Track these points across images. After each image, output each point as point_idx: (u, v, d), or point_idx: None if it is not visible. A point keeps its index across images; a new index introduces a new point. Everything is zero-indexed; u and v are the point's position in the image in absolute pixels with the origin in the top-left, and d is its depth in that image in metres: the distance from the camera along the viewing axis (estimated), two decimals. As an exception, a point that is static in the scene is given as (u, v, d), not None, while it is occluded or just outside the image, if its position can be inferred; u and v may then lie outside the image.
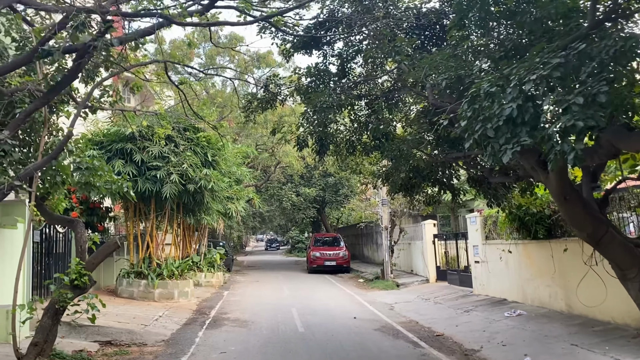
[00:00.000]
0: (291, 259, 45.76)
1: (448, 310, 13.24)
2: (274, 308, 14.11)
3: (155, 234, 15.36)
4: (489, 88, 4.95)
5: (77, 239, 9.11)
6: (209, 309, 14.02)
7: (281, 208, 31.78)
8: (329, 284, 21.29)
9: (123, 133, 13.87)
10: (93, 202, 15.06)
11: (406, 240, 21.83)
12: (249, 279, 24.37)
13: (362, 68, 10.03)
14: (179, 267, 15.28)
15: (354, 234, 35.68)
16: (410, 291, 17.79)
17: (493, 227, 13.85)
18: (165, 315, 12.29)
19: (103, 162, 8.76)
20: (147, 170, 13.84)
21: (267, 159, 25.82)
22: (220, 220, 21.01)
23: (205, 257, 21.14)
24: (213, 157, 14.91)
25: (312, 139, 10.00)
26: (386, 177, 10.56)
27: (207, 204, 15.26)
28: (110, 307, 12.45)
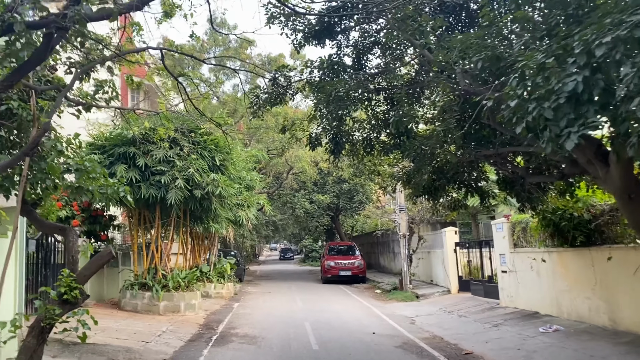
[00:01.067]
0: (304, 269, 44.80)
1: (475, 325, 12.19)
2: (286, 322, 13.17)
3: (160, 243, 14.54)
4: (544, 59, 4.00)
5: (68, 248, 8.30)
6: (216, 323, 13.12)
7: (294, 216, 30.88)
8: (345, 295, 20.29)
9: (125, 136, 13.11)
10: (95, 210, 14.31)
11: (425, 248, 20.78)
12: (260, 289, 23.46)
13: (380, 59, 9.13)
14: (185, 278, 14.42)
15: (370, 243, 34.62)
16: (431, 303, 16.72)
17: (522, 234, 12.79)
18: (169, 331, 11.42)
19: (96, 163, 7.91)
20: (151, 175, 13.04)
21: (279, 164, 24.95)
22: (230, 228, 20.16)
23: (215, 267, 20.29)
24: (221, 161, 14.08)
25: (326, 137, 9.11)
26: (407, 179, 9.61)
27: (216, 210, 14.39)
28: (111, 322, 11.63)
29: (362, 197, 28.84)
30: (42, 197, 8.48)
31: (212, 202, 13.85)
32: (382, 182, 10.91)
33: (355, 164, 9.98)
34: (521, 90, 4.12)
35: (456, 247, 18.16)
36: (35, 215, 8.38)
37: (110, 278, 15.47)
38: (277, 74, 8.52)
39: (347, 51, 9.17)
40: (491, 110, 6.37)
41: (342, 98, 7.19)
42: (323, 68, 8.89)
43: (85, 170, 7.69)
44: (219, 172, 13.85)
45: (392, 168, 11.11)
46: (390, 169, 11.34)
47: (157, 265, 14.25)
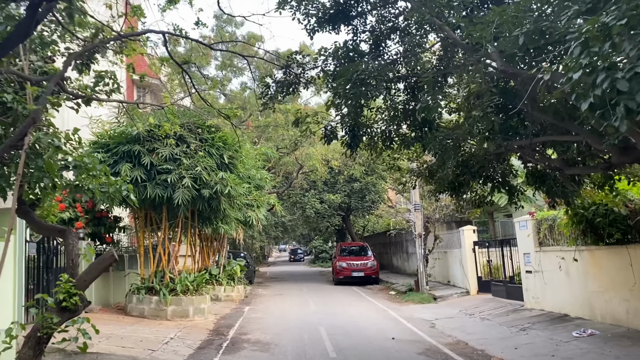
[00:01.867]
0: (315, 270, 44.17)
1: (500, 328, 11.49)
2: (299, 326, 12.55)
3: (168, 245, 13.97)
4: (614, 21, 3.34)
5: (67, 251, 7.75)
6: (227, 328, 12.52)
7: (304, 216, 30.25)
8: (358, 297, 19.63)
9: (130, 134, 12.55)
10: (100, 211, 13.79)
11: (441, 248, 20.07)
12: (271, 292, 22.85)
13: (399, 45, 8.47)
14: (194, 281, 13.83)
15: (382, 243, 33.91)
16: (450, 305, 16.02)
17: (549, 232, 12.08)
18: (178, 337, 10.83)
19: (96, 160, 7.31)
20: (157, 175, 12.47)
21: (289, 163, 24.31)
22: (240, 229, 19.58)
23: (225, 270, 19.70)
24: (230, 159, 13.47)
25: (342, 130, 8.47)
26: (430, 174, 8.95)
27: (225, 211, 13.78)
28: (116, 328, 11.07)
29: (374, 196, 28.14)
30: (40, 197, 7.92)
31: (221, 202, 13.26)
32: (400, 178, 10.21)
33: (373, 158, 9.28)
34: (586, 60, 3.46)
35: (475, 246, 17.45)
36: (33, 217, 7.83)
37: (117, 282, 14.92)
38: (289, 61, 7.88)
39: (364, 37, 8.52)
40: (530, 95, 5.72)
41: (364, 81, 6.54)
42: (338, 56, 8.24)
43: (84, 168, 7.12)
44: (228, 171, 13.26)
45: (411, 163, 10.42)
46: (410, 165, 10.64)
47: (165, 269, 13.67)
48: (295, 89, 8.14)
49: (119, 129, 12.84)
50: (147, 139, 12.55)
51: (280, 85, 7.99)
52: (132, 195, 7.68)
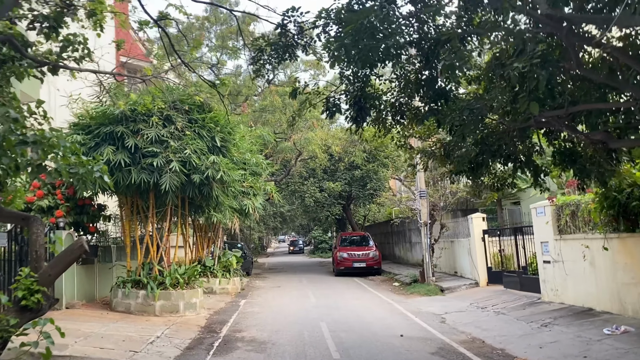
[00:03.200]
0: (314, 260, 43.30)
1: (518, 324, 10.51)
2: (299, 322, 11.56)
3: (156, 235, 12.93)
4: None
5: (31, 241, 6.73)
6: (220, 324, 11.52)
7: (303, 205, 29.20)
8: (361, 289, 18.65)
9: (112, 113, 11.47)
10: (82, 199, 12.72)
11: (448, 237, 19.07)
12: (269, 283, 21.88)
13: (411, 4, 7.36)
14: (185, 274, 12.81)
15: (383, 232, 32.96)
16: (459, 297, 15.05)
17: (571, 219, 11.06)
18: (165, 336, 9.82)
19: (61, 134, 6.24)
20: (143, 158, 11.40)
21: (287, 149, 23.18)
22: (236, 218, 18.54)
23: (220, 261, 18.70)
24: (222, 142, 12.38)
25: (347, 102, 7.40)
26: (446, 153, 7.90)
27: (217, 198, 12.72)
28: (98, 326, 10.06)
29: (376, 184, 27.08)
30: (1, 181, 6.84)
31: (213, 188, 12.21)
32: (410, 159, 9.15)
33: (380, 135, 8.20)
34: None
35: (484, 235, 16.45)
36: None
37: (103, 275, 13.90)
38: (285, 19, 6.77)
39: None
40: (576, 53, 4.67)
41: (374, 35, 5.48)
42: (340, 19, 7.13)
43: (46, 144, 6.03)
44: (220, 155, 12.19)
45: (423, 142, 9.35)
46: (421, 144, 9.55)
47: (153, 260, 12.65)
48: (292, 54, 7.04)
49: (100, 108, 11.75)
50: (131, 118, 11.48)
51: (275, 48, 6.89)
52: (105, 177, 6.61)
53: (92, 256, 13.47)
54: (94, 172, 6.62)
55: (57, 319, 10.52)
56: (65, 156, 6.21)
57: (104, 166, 6.81)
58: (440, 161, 8.35)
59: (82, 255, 6.74)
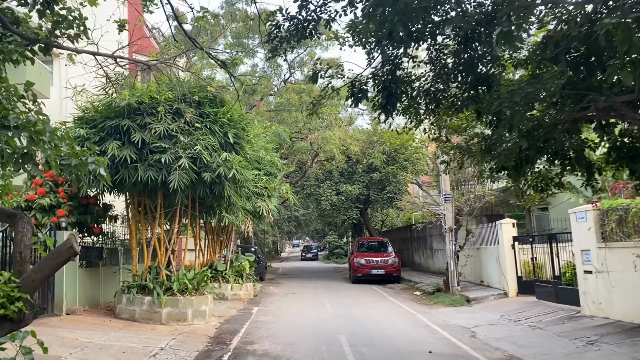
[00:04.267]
0: (330, 266, 42.31)
1: (560, 341, 9.46)
2: (315, 334, 10.63)
3: (164, 237, 12.13)
4: None
5: (16, 241, 5.88)
6: (230, 335, 10.64)
7: (319, 209, 28.25)
8: (380, 298, 17.65)
9: (117, 105, 10.71)
10: (86, 198, 11.98)
11: (473, 244, 17.99)
12: (283, 290, 20.98)
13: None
14: (194, 279, 11.97)
15: (402, 238, 31.86)
16: (488, 309, 13.98)
17: (618, 225, 9.98)
18: (170, 347, 8.97)
19: (47, 119, 5.42)
20: (150, 154, 10.61)
21: (303, 150, 22.24)
22: (249, 221, 17.68)
23: (232, 265, 17.86)
24: (235, 139, 11.53)
25: (375, 87, 6.49)
26: (487, 148, 6.94)
27: (230, 198, 11.87)
28: (98, 335, 9.24)
29: (395, 188, 26.04)
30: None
31: (225, 187, 11.35)
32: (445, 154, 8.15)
33: (412, 127, 7.26)
34: None
35: (515, 242, 15.37)
36: (-27, 197, 6.02)
37: (108, 279, 13.13)
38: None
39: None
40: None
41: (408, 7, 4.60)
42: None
43: (29, 128, 5.22)
44: (233, 152, 11.35)
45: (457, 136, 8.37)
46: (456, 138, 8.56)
47: (160, 264, 11.83)
48: (313, 31, 6.15)
49: (105, 100, 11.00)
50: (138, 111, 10.71)
51: (294, 24, 6.00)
52: (102, 170, 5.77)
53: (97, 259, 12.72)
54: (88, 164, 5.80)
55: (55, 326, 9.77)
56: (54, 144, 5.40)
57: (101, 158, 5.96)
58: (480, 157, 7.37)
59: (72, 258, 5.91)
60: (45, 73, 17.65)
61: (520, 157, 7.11)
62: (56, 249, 5.84)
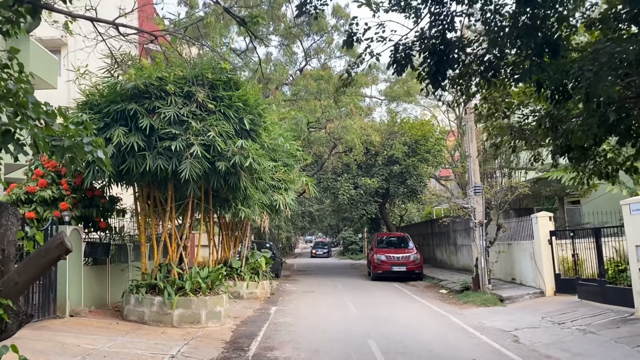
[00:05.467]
0: (345, 262, 41.36)
1: (620, 348, 8.37)
2: (342, 339, 9.63)
3: (175, 232, 11.21)
4: None
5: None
6: (248, 339, 9.70)
7: (336, 204, 27.23)
8: (405, 297, 16.62)
9: (123, 88, 9.79)
10: (92, 190, 11.10)
11: (503, 239, 16.86)
12: (301, 287, 20.04)
13: None
14: (208, 278, 11.04)
15: (422, 234, 30.73)
16: (525, 309, 12.89)
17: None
18: (182, 355, 8.04)
19: (31, 88, 4.47)
20: (159, 141, 9.69)
21: (322, 140, 21.17)
22: (265, 215, 16.73)
23: (248, 262, 16.94)
24: (251, 125, 10.54)
25: (421, 53, 5.46)
26: (553, 127, 5.88)
27: (246, 190, 10.89)
28: (103, 340, 8.34)
29: (415, 181, 24.92)
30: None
31: (241, 178, 10.37)
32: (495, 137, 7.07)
33: (463, 100, 6.21)
34: None
35: (552, 237, 14.24)
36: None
37: (116, 277, 12.27)
38: None
39: None
40: None
41: None
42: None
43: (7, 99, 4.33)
44: (249, 139, 10.37)
45: (515, 111, 7.24)
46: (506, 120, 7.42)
47: (172, 261, 10.91)
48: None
49: (110, 82, 10.08)
50: (146, 94, 9.78)
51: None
52: (100, 152, 4.84)
53: (104, 256, 11.85)
54: (84, 145, 4.84)
55: (56, 330, 8.85)
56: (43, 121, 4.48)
57: (99, 139, 4.99)
58: (542, 136, 6.30)
59: (63, 256, 4.96)
60: (52, 61, 16.77)
61: (588, 135, 6.04)
62: (44, 246, 4.90)
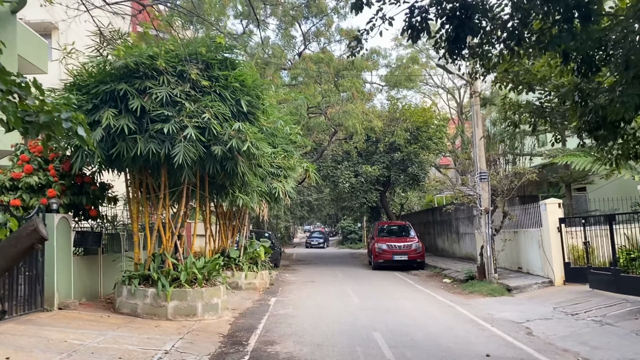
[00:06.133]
0: (345, 251, 40.95)
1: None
2: (345, 331, 9.14)
3: (169, 221, 10.67)
4: None
5: (-36, 224, 4.44)
6: (247, 332, 9.19)
7: (336, 192, 26.70)
8: (408, 286, 16.15)
9: (113, 67, 9.19)
10: (81, 176, 10.53)
11: (509, 227, 16.37)
12: (300, 277, 19.56)
13: None
14: (204, 268, 10.51)
15: (423, 222, 30.26)
16: (534, 299, 12.42)
17: None
18: (176, 350, 7.52)
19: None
20: (151, 124, 9.11)
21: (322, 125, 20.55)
22: (264, 203, 16.19)
23: (246, 252, 16.43)
24: (249, 107, 9.96)
25: (439, 16, 4.88)
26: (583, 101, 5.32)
27: (243, 176, 10.32)
28: (93, 335, 7.82)
29: (417, 169, 24.37)
30: None
31: (238, 163, 9.80)
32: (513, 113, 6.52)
33: (483, 71, 5.64)
34: None
35: (561, 224, 13.74)
36: None
37: (109, 268, 11.74)
38: None
39: None
40: None
41: None
42: None
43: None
44: (247, 122, 9.79)
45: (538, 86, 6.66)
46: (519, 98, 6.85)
47: (166, 251, 10.38)
48: None
49: (98, 60, 9.47)
50: (136, 74, 9.18)
51: None
52: (81, 129, 4.32)
53: (95, 245, 11.31)
54: (62, 121, 4.29)
55: (43, 324, 8.27)
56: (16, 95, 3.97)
57: (80, 115, 4.44)
58: (571, 112, 5.74)
59: (37, 245, 4.41)
60: (42, 45, 16.08)
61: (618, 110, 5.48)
62: (15, 233, 4.35)
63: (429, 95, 35.96)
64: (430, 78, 33.36)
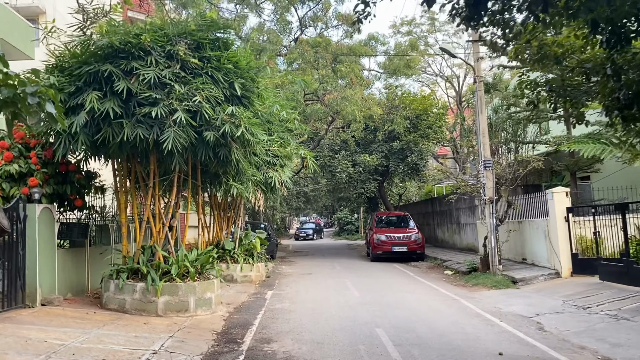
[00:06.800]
0: (342, 243, 40.51)
1: (663, 338, 7.40)
2: (346, 328, 8.62)
3: (159, 211, 10.09)
4: None
5: None
6: (242, 328, 8.66)
7: (333, 182, 26.14)
8: (409, 279, 15.66)
9: (97, 46, 8.56)
10: (65, 164, 9.92)
11: (513, 217, 15.87)
12: (298, 269, 19.05)
13: None
14: (196, 261, 9.96)
15: (421, 213, 29.78)
16: (542, 292, 11.94)
17: None
18: (166, 350, 6.98)
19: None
20: (138, 107, 8.50)
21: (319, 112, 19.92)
22: (260, 193, 15.61)
23: (242, 244, 15.88)
24: (243, 91, 9.33)
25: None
26: (615, 74, 4.76)
27: (238, 164, 9.73)
28: (76, 333, 7.26)
29: (416, 159, 23.82)
30: None
31: (232, 150, 9.22)
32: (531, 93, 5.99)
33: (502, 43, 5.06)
34: None
35: (569, 214, 13.24)
36: None
37: (96, 261, 11.16)
38: None
39: None
40: None
41: None
42: None
43: None
44: (241, 106, 9.18)
45: (566, 58, 6.06)
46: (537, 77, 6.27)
47: (156, 243, 9.81)
48: None
49: (82, 39, 8.84)
50: (122, 54, 8.55)
51: None
52: (50, 106, 3.73)
53: (82, 238, 10.73)
54: (27, 96, 3.74)
55: (23, 322, 7.65)
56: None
57: (50, 90, 3.86)
58: (601, 87, 5.18)
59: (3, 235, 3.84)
60: (28, 29, 15.34)
61: None
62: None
63: (427, 84, 35.37)
64: (429, 66, 32.71)
